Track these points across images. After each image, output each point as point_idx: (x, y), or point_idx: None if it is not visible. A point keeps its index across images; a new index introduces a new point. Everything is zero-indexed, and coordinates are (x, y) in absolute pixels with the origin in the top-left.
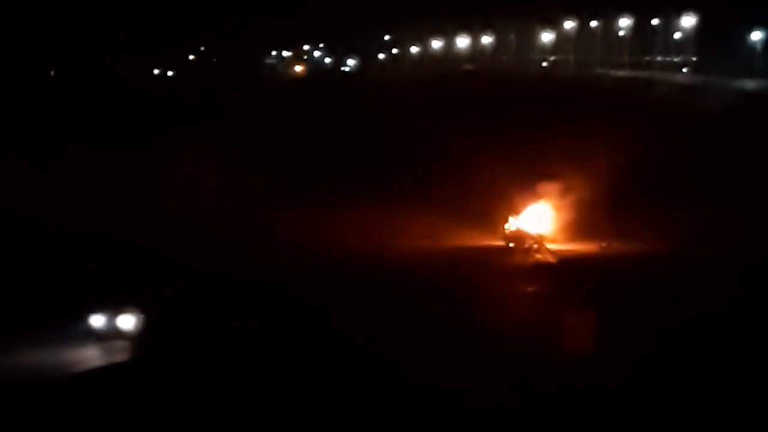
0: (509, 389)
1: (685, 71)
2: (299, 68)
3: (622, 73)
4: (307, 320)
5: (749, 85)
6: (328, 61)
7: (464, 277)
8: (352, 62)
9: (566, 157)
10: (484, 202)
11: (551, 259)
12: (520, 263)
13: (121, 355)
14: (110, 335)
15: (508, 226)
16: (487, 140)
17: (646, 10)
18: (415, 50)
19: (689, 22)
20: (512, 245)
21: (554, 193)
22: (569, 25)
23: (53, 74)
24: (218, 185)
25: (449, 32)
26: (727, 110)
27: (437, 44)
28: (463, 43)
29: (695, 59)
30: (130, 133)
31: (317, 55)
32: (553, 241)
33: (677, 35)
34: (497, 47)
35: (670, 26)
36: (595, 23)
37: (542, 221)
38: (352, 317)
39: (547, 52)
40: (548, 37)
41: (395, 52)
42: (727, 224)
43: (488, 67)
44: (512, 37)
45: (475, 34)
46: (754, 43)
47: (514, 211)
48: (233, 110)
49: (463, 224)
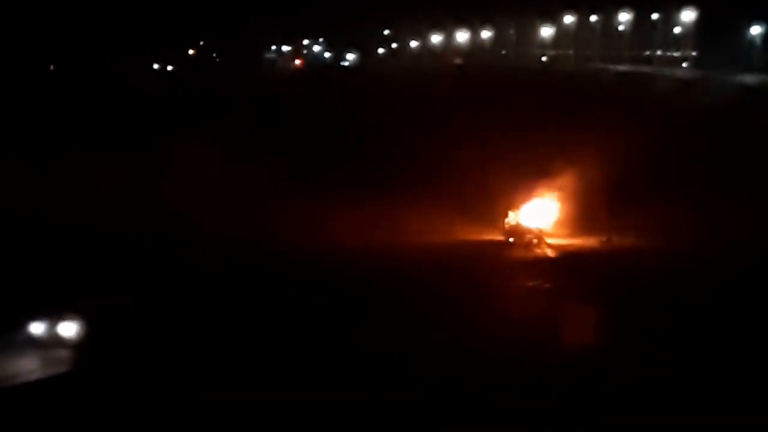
0: (509, 384)
1: (684, 66)
2: (298, 62)
3: (621, 67)
4: (300, 317)
5: (749, 79)
6: (327, 55)
7: (464, 271)
8: (351, 57)
9: (566, 151)
10: (483, 196)
11: (551, 253)
12: (519, 258)
13: (61, 365)
14: (51, 343)
15: (507, 220)
16: (486, 135)
17: (645, 4)
18: (414, 45)
19: (689, 16)
20: (512, 240)
21: (554, 187)
22: (569, 19)
23: (52, 69)
24: (211, 183)
25: (448, 27)
26: (727, 105)
27: (437, 39)
28: (462, 37)
29: (695, 54)
30: (126, 129)
31: (317, 49)
32: (552, 235)
33: (677, 30)
34: (496, 42)
35: (669, 21)
36: (594, 18)
37: (542, 216)
38: (351, 313)
39: (546, 46)
40: (548, 31)
41: (394, 46)
42: (727, 218)
43: (482, 61)
44: (512, 31)
45: (474, 28)
46: (753, 37)
47: (513, 205)
48: (233, 105)
49: (462, 219)
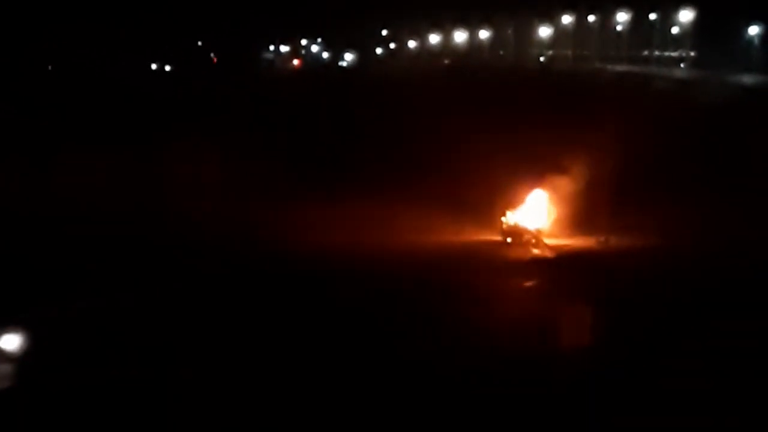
0: (506, 384)
1: (683, 66)
2: (297, 62)
3: (620, 67)
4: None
5: (747, 79)
6: (325, 55)
7: (461, 271)
8: (349, 57)
9: (563, 151)
10: (481, 196)
11: (548, 253)
12: (517, 258)
13: (2, 380)
14: None
15: (505, 220)
16: (484, 134)
17: (643, 4)
18: (412, 45)
19: (687, 16)
20: (509, 240)
21: (551, 187)
22: (567, 19)
23: (51, 69)
24: (209, 183)
25: (447, 27)
26: (725, 105)
27: (435, 39)
28: (460, 37)
29: (693, 54)
30: (124, 128)
31: (315, 49)
32: (550, 235)
33: (675, 30)
34: (495, 42)
35: (668, 21)
36: (593, 18)
37: (540, 216)
38: (347, 314)
39: (544, 46)
40: (546, 31)
41: (393, 46)
42: (725, 219)
43: (471, 61)
44: (510, 31)
45: (472, 28)
46: (751, 37)
47: (511, 205)
48: (232, 105)
49: (459, 218)
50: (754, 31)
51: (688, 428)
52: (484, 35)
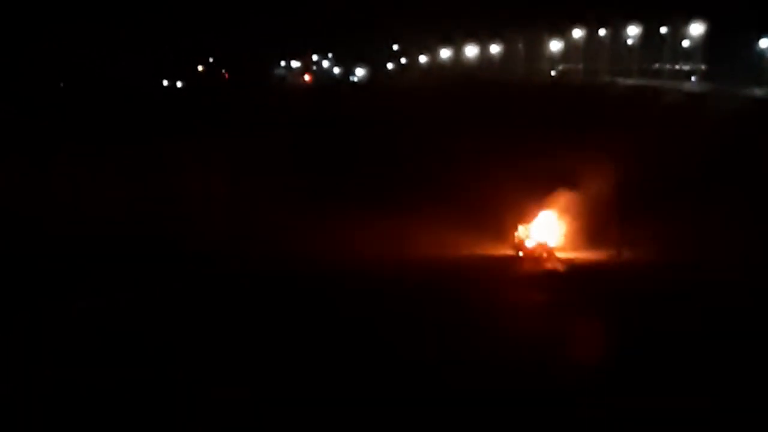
0: (517, 398)
1: (693, 79)
2: (308, 78)
3: (630, 81)
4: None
5: (758, 92)
6: (336, 71)
7: (473, 285)
8: (360, 72)
9: (575, 165)
10: (493, 210)
11: (560, 267)
12: (529, 271)
13: None
14: None
15: (517, 234)
16: (495, 148)
17: (654, 18)
18: (423, 60)
19: (698, 30)
20: (521, 253)
21: (564, 201)
22: (578, 33)
23: (62, 86)
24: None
25: (458, 41)
26: (736, 118)
27: (446, 54)
28: (471, 52)
29: (704, 67)
30: (130, 136)
31: (326, 65)
32: (562, 249)
33: (686, 43)
34: (506, 56)
35: (678, 34)
36: (603, 32)
37: (552, 229)
38: (355, 323)
39: (555, 60)
40: (557, 45)
41: (403, 61)
42: (738, 232)
43: (484, 75)
44: (520, 46)
45: (483, 43)
46: (762, 50)
47: (523, 219)
48: (242, 117)
49: (471, 232)
50: (765, 44)
51: None
52: (494, 50)
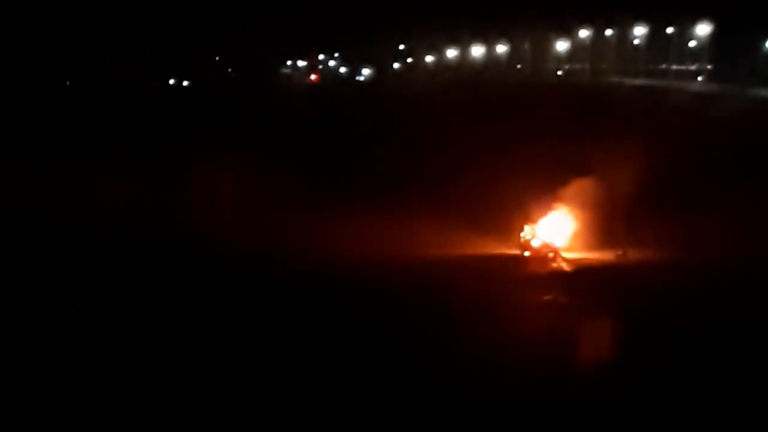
0: (524, 398)
1: (700, 79)
2: (314, 77)
3: (637, 81)
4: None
5: (765, 92)
6: (342, 70)
7: (479, 285)
8: (366, 72)
9: (582, 164)
10: (499, 209)
11: (567, 267)
12: (535, 272)
13: None
14: None
15: (523, 234)
16: (502, 147)
17: (660, 18)
18: (429, 59)
19: (704, 30)
20: (528, 253)
21: (570, 200)
22: (584, 33)
23: (68, 84)
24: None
25: (464, 41)
26: (743, 118)
27: (452, 53)
28: (477, 51)
29: (710, 67)
30: (135, 137)
31: (332, 64)
32: (568, 249)
33: (692, 43)
34: (512, 56)
35: (685, 34)
36: (610, 32)
37: (558, 229)
38: (361, 324)
39: (562, 60)
40: (563, 45)
41: (410, 61)
42: (744, 231)
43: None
44: (527, 46)
45: (489, 43)
46: None
47: (530, 219)
48: (248, 115)
49: (478, 232)
50: None
51: None
52: (501, 49)
